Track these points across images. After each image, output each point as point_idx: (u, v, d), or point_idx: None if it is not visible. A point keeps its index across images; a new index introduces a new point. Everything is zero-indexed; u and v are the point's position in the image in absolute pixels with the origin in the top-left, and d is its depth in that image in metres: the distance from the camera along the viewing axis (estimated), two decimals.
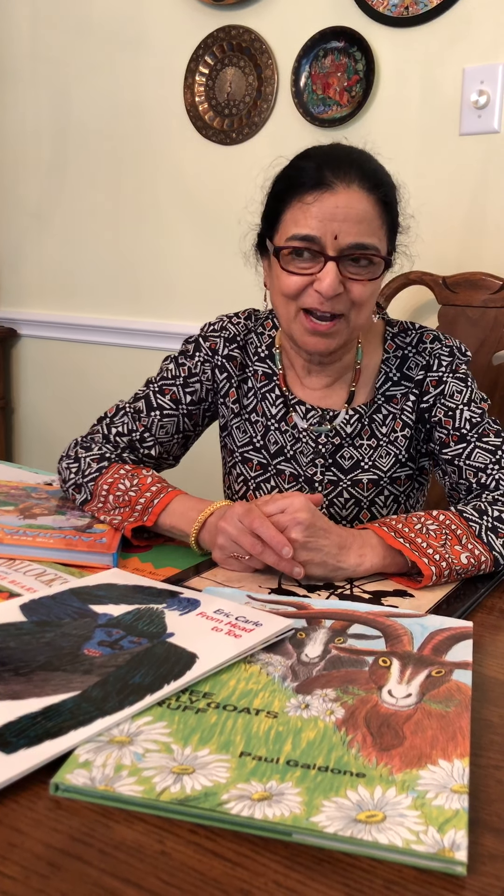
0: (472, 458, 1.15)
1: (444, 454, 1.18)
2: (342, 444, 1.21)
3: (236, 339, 1.26)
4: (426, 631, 0.83)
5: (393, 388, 1.21)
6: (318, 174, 1.06)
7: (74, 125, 2.54)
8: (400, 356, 1.22)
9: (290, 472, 1.23)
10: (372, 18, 1.93)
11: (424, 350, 1.20)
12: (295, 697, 0.70)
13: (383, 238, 1.10)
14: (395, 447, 1.21)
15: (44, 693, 0.68)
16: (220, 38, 2.19)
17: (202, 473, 1.82)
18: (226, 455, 1.32)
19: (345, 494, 1.21)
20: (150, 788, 0.57)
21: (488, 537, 1.03)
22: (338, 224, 1.05)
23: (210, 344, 1.26)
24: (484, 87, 1.81)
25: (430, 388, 1.19)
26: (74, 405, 2.72)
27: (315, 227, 1.06)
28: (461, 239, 1.90)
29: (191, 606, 0.86)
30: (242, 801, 0.56)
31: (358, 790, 0.57)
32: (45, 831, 0.54)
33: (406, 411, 1.20)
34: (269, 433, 1.24)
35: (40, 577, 0.95)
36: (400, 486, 1.23)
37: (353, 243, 1.06)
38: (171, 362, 1.27)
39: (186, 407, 1.26)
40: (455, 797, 0.57)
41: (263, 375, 1.25)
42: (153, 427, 1.24)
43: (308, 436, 1.21)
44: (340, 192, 1.05)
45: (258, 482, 1.25)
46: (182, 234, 2.38)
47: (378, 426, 1.21)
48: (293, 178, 1.10)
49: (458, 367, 1.20)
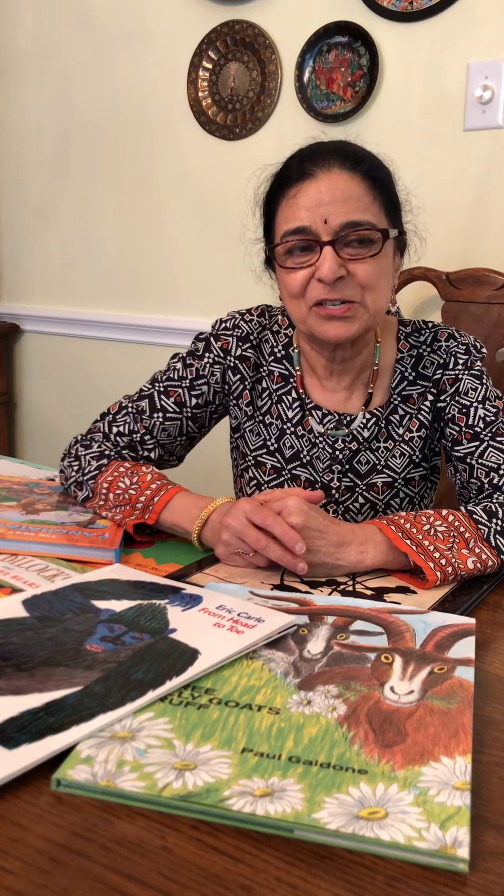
0: (485, 457, 1.14)
1: (457, 451, 1.17)
2: (359, 448, 1.19)
3: (249, 337, 1.23)
4: (429, 627, 0.83)
5: (409, 387, 1.20)
6: (299, 168, 1.08)
7: (77, 120, 2.54)
8: (415, 355, 1.20)
9: (305, 478, 1.21)
10: (376, 13, 1.92)
11: (440, 348, 1.19)
12: (297, 694, 0.70)
13: (378, 213, 1.08)
14: (409, 447, 1.20)
15: (46, 688, 0.68)
16: (223, 32, 2.19)
17: (204, 471, 1.81)
18: (237, 457, 1.29)
19: (360, 499, 1.20)
20: (151, 784, 0.57)
21: (497, 541, 1.01)
22: (325, 208, 1.05)
23: (222, 344, 1.23)
24: (488, 83, 1.80)
25: (446, 385, 1.18)
26: (77, 400, 2.72)
27: (304, 217, 1.06)
28: (465, 235, 1.90)
29: (193, 602, 0.86)
30: (244, 797, 0.56)
31: (360, 787, 0.57)
32: (46, 827, 0.54)
33: (423, 411, 1.19)
34: (285, 437, 1.21)
35: (43, 573, 0.95)
36: (414, 488, 1.22)
37: (344, 222, 1.05)
38: (180, 361, 1.24)
39: (191, 410, 1.23)
40: (457, 794, 0.57)
41: (280, 377, 1.23)
42: (154, 429, 1.22)
43: (325, 440, 1.19)
44: (322, 178, 1.06)
45: (272, 486, 1.22)
46: (185, 230, 2.38)
47: (395, 427, 1.20)
48: (279, 178, 1.11)
49: (474, 363, 1.19)
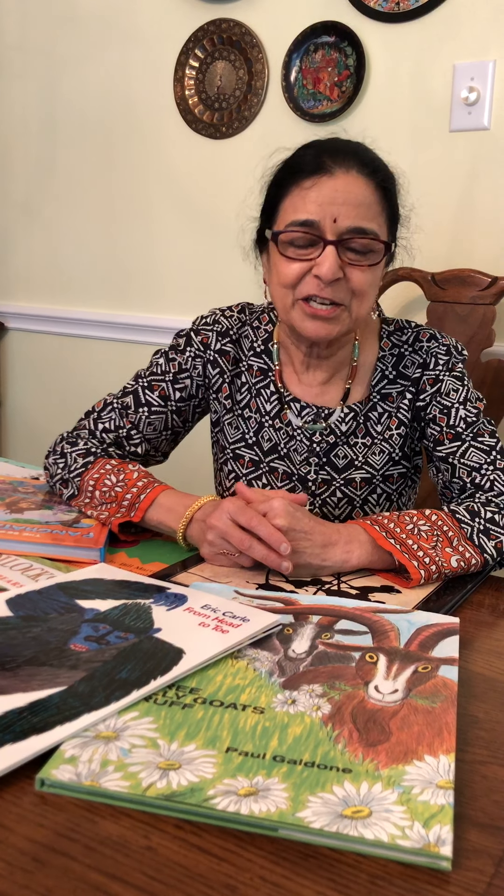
0: (467, 457, 1.15)
1: (439, 451, 1.17)
2: (336, 442, 1.20)
3: (229, 332, 1.24)
4: (413, 627, 0.83)
5: (389, 385, 1.21)
6: (316, 160, 1.07)
7: (63, 117, 2.53)
8: (396, 354, 1.21)
9: (283, 471, 1.22)
10: (363, 13, 1.93)
11: (421, 348, 1.20)
12: (282, 693, 0.70)
13: (383, 225, 1.09)
14: (388, 445, 1.20)
15: (30, 688, 0.67)
16: (210, 31, 2.18)
17: (190, 469, 1.81)
18: (217, 451, 1.30)
19: (338, 494, 1.21)
20: (136, 784, 0.57)
21: (480, 539, 1.02)
22: (337, 207, 1.05)
23: (202, 338, 1.24)
24: (474, 84, 1.81)
25: (426, 386, 1.19)
26: (62, 399, 2.71)
27: (314, 211, 1.06)
28: (450, 235, 1.90)
29: (178, 602, 0.86)
30: (228, 796, 0.56)
31: (344, 786, 0.58)
32: (30, 827, 0.54)
33: (402, 409, 1.20)
34: (263, 430, 1.23)
35: (27, 572, 0.95)
36: (392, 484, 1.22)
37: (352, 227, 1.06)
38: (162, 357, 1.26)
39: (175, 403, 1.24)
40: (441, 793, 0.57)
41: (259, 371, 1.24)
42: (140, 424, 1.23)
43: (303, 433, 1.20)
44: (339, 177, 1.06)
45: (250, 479, 1.23)
46: (171, 228, 2.37)
47: (373, 424, 1.20)
48: (292, 166, 1.10)
49: (455, 365, 1.20)
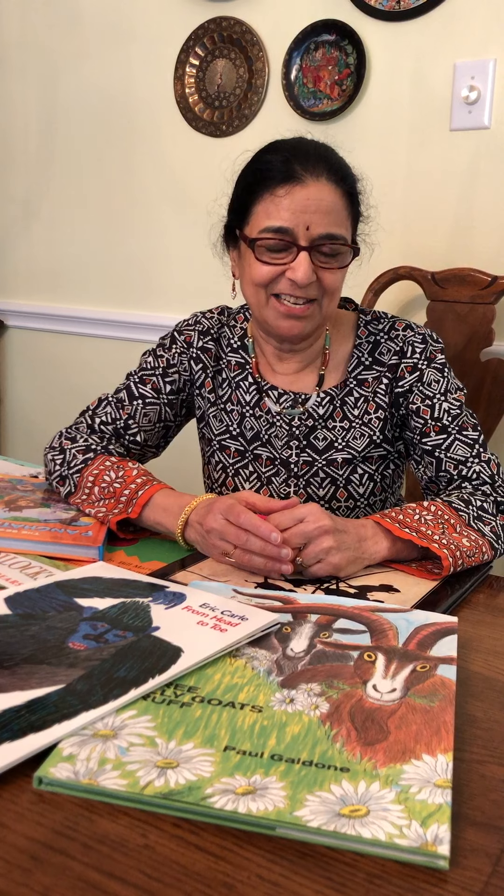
0: (452, 450, 1.18)
1: (424, 444, 1.20)
2: (315, 425, 1.24)
3: (210, 331, 1.30)
4: (411, 626, 0.83)
5: (365, 371, 1.24)
6: (287, 167, 1.10)
7: (63, 115, 2.53)
8: (372, 342, 1.25)
9: (266, 456, 1.25)
10: (363, 12, 1.92)
11: (397, 336, 1.24)
12: (280, 692, 0.70)
13: (349, 228, 1.16)
14: (368, 428, 1.23)
15: (28, 686, 0.67)
16: (210, 29, 2.18)
17: (184, 471, 1.81)
18: (204, 445, 1.34)
19: (320, 474, 1.24)
20: (133, 782, 0.57)
21: (477, 524, 1.07)
22: (309, 216, 1.10)
23: (185, 337, 1.30)
24: (475, 83, 1.81)
25: (405, 373, 1.22)
26: (61, 396, 2.71)
27: (288, 219, 1.10)
28: (450, 234, 1.90)
29: (176, 600, 0.86)
30: (226, 795, 0.56)
31: (342, 784, 0.58)
32: (28, 825, 0.54)
33: (379, 394, 1.23)
34: (245, 420, 1.27)
35: (25, 570, 0.95)
36: (372, 465, 1.25)
37: (323, 234, 1.11)
38: (150, 355, 1.31)
39: (167, 396, 1.29)
40: (438, 791, 0.57)
41: (237, 365, 1.28)
42: (136, 415, 1.27)
43: (282, 419, 1.24)
44: (311, 185, 1.10)
45: (237, 468, 1.28)
46: (171, 226, 2.37)
47: (350, 408, 1.24)
48: (262, 172, 1.13)
49: (434, 354, 1.23)
